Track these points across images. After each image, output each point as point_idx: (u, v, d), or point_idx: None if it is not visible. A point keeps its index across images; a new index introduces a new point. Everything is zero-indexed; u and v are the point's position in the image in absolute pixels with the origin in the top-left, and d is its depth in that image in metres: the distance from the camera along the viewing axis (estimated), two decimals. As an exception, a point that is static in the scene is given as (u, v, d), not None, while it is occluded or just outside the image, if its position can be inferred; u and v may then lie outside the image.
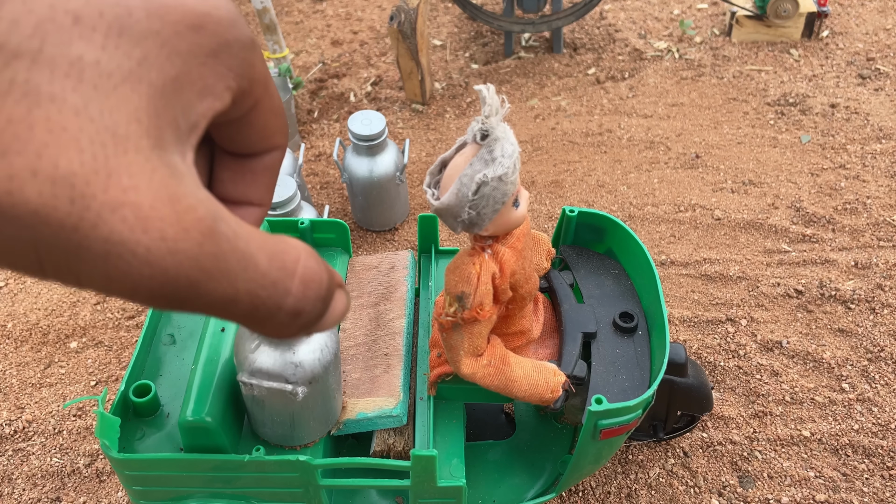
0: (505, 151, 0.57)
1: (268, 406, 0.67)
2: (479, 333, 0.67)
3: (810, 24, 1.80)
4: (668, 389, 0.87)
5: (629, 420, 0.70)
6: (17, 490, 0.99)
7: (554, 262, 0.84)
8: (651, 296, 0.78)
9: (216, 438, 0.68)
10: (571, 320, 0.76)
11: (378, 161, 1.26)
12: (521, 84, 1.76)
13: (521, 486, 0.84)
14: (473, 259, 0.64)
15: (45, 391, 1.11)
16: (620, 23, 1.95)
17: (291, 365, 0.63)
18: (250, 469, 0.69)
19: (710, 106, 1.64)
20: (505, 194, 0.58)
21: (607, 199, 1.40)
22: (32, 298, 1.25)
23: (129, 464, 0.68)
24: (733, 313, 1.17)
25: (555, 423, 0.91)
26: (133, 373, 0.75)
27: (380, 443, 0.77)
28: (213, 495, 0.72)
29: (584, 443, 0.71)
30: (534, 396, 0.70)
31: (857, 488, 0.95)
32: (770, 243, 1.29)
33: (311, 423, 0.70)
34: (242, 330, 0.66)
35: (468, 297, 0.64)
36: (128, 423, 0.73)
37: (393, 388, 0.76)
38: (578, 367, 0.73)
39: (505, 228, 0.62)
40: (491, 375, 0.69)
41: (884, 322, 1.14)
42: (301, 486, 0.71)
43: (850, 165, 1.45)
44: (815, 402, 1.05)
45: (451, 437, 0.76)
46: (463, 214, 0.58)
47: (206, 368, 0.69)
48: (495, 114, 0.56)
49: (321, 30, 2.00)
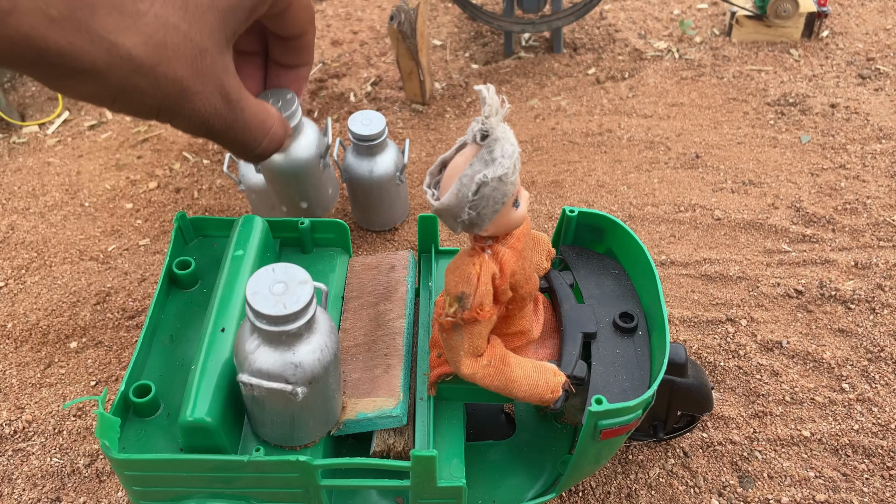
0: (505, 152, 0.57)
1: (268, 406, 0.67)
2: (479, 334, 0.67)
3: (810, 24, 1.80)
4: (669, 389, 0.87)
5: (629, 420, 0.70)
6: (17, 490, 0.99)
7: (554, 262, 0.84)
8: (651, 296, 0.78)
9: (216, 438, 0.68)
10: (571, 320, 0.76)
11: (378, 161, 1.26)
12: (521, 84, 1.76)
13: (521, 486, 0.84)
14: (473, 259, 0.64)
15: (45, 391, 1.11)
16: (620, 23, 1.95)
17: (291, 365, 0.63)
18: (250, 469, 0.69)
19: (710, 106, 1.64)
20: (505, 195, 0.58)
21: (607, 199, 1.40)
22: (32, 298, 1.25)
23: (129, 464, 0.68)
24: (733, 313, 1.17)
25: (555, 423, 0.91)
26: (133, 373, 0.75)
27: (380, 443, 0.77)
28: (213, 496, 0.72)
29: (584, 443, 0.71)
30: (534, 397, 0.70)
31: (857, 488, 0.95)
32: (770, 243, 1.29)
33: (311, 424, 0.70)
34: (242, 331, 0.66)
35: (468, 298, 0.64)
36: (128, 423, 0.73)
37: (393, 388, 0.76)
38: (578, 368, 0.73)
39: (505, 229, 0.62)
40: (491, 376, 0.69)
41: (884, 322, 1.14)
42: (301, 486, 0.71)
43: (850, 165, 1.45)
44: (815, 402, 1.05)
45: (451, 437, 0.76)
46: (463, 215, 0.58)
47: (206, 368, 0.69)
48: (495, 114, 0.56)
49: (321, 30, 2.00)
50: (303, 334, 0.63)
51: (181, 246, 0.90)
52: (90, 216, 1.44)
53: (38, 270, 1.32)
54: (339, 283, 0.90)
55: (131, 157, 1.60)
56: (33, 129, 1.72)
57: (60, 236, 1.40)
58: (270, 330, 0.61)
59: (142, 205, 1.47)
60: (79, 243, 1.38)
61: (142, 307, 1.23)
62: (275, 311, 0.60)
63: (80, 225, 1.42)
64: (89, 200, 1.49)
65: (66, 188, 1.52)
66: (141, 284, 1.27)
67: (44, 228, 1.42)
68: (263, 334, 0.62)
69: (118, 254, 1.35)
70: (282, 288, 0.61)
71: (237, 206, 1.44)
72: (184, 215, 0.89)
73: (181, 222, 0.89)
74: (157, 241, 1.38)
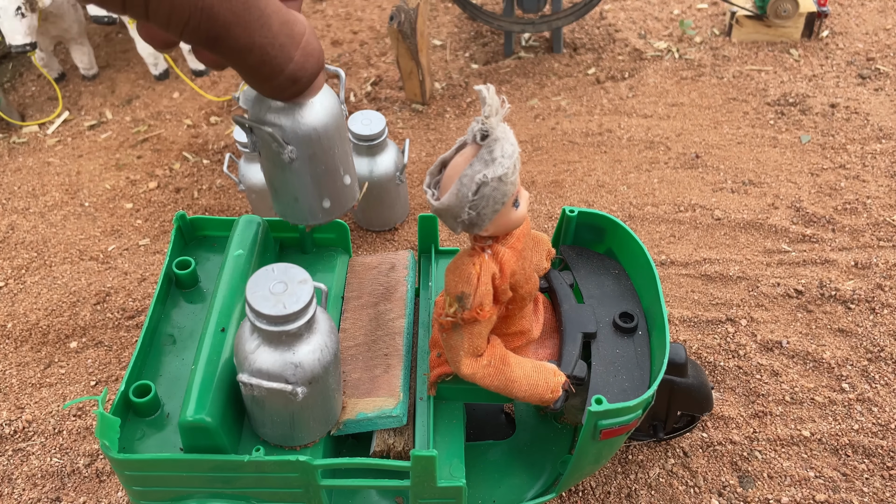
0: (505, 152, 0.57)
1: (268, 406, 0.67)
2: (479, 334, 0.67)
3: (810, 24, 1.80)
4: (669, 389, 0.87)
5: (629, 420, 0.70)
6: (17, 490, 0.99)
7: (554, 262, 0.84)
8: (651, 296, 0.78)
9: (216, 438, 0.67)
10: (571, 320, 0.76)
11: (378, 161, 1.26)
12: (521, 84, 1.76)
13: (521, 485, 0.84)
14: (473, 259, 0.64)
15: (45, 391, 1.11)
16: (620, 23, 1.95)
17: (291, 365, 0.63)
18: (250, 469, 0.69)
19: (710, 106, 1.64)
20: (505, 195, 0.58)
21: (607, 199, 1.40)
22: (32, 298, 1.25)
23: (129, 464, 0.68)
24: (733, 313, 1.17)
25: (555, 423, 0.91)
26: (133, 373, 0.75)
27: (380, 443, 0.77)
28: (212, 496, 0.72)
29: (584, 443, 0.71)
30: (534, 397, 0.70)
31: (857, 488, 0.95)
32: (770, 243, 1.29)
33: (311, 423, 0.70)
34: (242, 331, 0.66)
35: (468, 298, 0.64)
36: (128, 423, 0.73)
37: (393, 388, 0.76)
38: (578, 368, 0.73)
39: (505, 229, 0.62)
40: (491, 376, 0.69)
41: (884, 322, 1.14)
42: (301, 486, 0.71)
43: (850, 165, 1.45)
44: (815, 402, 1.05)
45: (451, 437, 0.76)
46: (463, 215, 0.58)
47: (206, 368, 0.69)
48: (495, 114, 0.56)
49: (321, 30, 2.00)
50: (303, 334, 0.63)
51: (181, 246, 0.90)
52: (90, 216, 1.45)
53: (38, 270, 1.32)
54: (339, 283, 0.90)
55: (131, 157, 1.60)
56: (33, 129, 1.72)
57: (60, 236, 1.40)
58: (270, 330, 0.61)
59: (142, 205, 1.47)
60: (79, 243, 1.38)
61: (142, 307, 1.23)
62: (275, 311, 0.60)
63: (80, 225, 1.42)
64: (89, 200, 1.49)
65: (66, 188, 1.52)
66: (141, 284, 1.27)
67: (44, 228, 1.42)
68: (263, 334, 0.62)
69: (118, 254, 1.35)
70: (282, 288, 0.61)
71: (237, 206, 1.44)
72: (184, 215, 0.89)
73: (181, 222, 0.89)
74: (157, 241, 1.38)
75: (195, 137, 1.64)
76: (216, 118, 1.71)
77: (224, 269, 0.79)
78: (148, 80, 1.87)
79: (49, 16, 1.68)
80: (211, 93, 1.79)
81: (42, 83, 1.89)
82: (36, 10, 1.59)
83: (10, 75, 1.92)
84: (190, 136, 1.65)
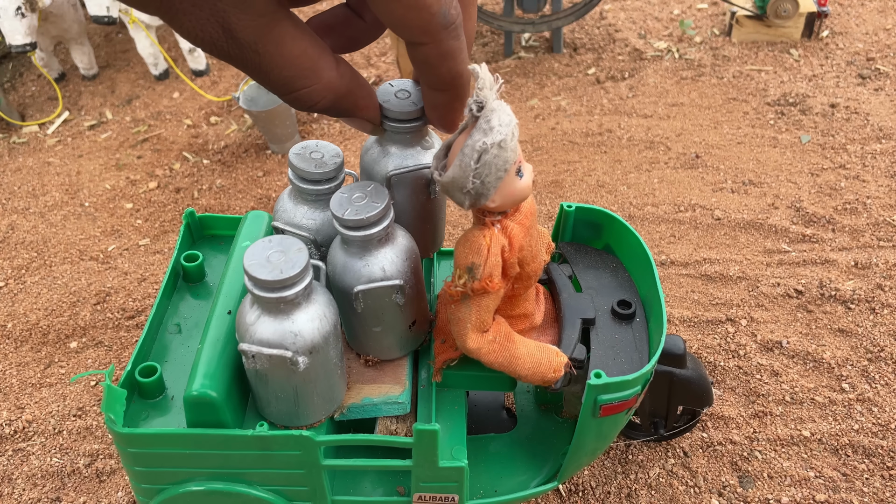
0: (502, 120, 0.59)
1: (271, 381, 0.67)
2: (486, 307, 0.68)
3: (810, 24, 1.80)
4: (668, 383, 0.88)
5: (629, 396, 0.70)
6: (17, 490, 0.99)
7: (553, 256, 0.85)
8: (648, 284, 0.79)
9: (220, 414, 0.68)
10: (570, 307, 0.77)
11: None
12: (521, 84, 1.76)
13: (524, 476, 0.85)
14: (483, 232, 0.66)
15: (45, 391, 1.11)
16: (620, 23, 1.95)
17: (291, 334, 0.64)
18: (253, 446, 0.69)
19: (710, 106, 1.65)
20: (507, 161, 0.60)
21: (607, 199, 1.40)
22: (32, 298, 1.25)
23: (133, 439, 0.69)
24: (733, 313, 1.17)
25: (556, 417, 0.92)
26: (139, 355, 0.76)
27: (382, 429, 0.78)
28: (214, 477, 0.73)
29: (585, 420, 0.72)
30: (536, 375, 0.71)
31: (857, 488, 0.95)
32: (770, 243, 1.29)
33: (314, 400, 0.70)
34: (244, 305, 0.66)
35: (478, 268, 0.65)
36: (133, 405, 0.74)
37: (399, 376, 0.77)
38: (578, 350, 0.74)
39: (511, 199, 0.63)
40: (495, 352, 0.70)
41: (884, 322, 1.14)
42: (303, 466, 0.71)
43: (850, 165, 1.45)
44: (815, 402, 1.05)
45: (453, 422, 0.76)
46: (468, 184, 0.60)
47: (211, 347, 0.70)
48: (489, 87, 0.58)
49: (321, 30, 2.00)
50: (300, 303, 0.64)
51: (189, 243, 0.91)
52: (90, 216, 1.45)
53: (38, 270, 1.32)
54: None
55: (131, 157, 1.60)
56: (33, 129, 1.72)
57: (60, 236, 1.40)
58: (268, 297, 0.62)
59: (142, 205, 1.47)
60: (79, 243, 1.38)
61: (142, 307, 1.23)
62: (272, 276, 0.61)
63: (80, 225, 1.42)
64: (89, 200, 1.49)
65: (66, 188, 1.52)
66: (141, 284, 1.27)
67: (44, 228, 1.42)
68: (262, 303, 0.63)
69: (118, 254, 1.35)
70: (278, 256, 0.62)
71: (237, 206, 1.44)
72: (193, 213, 0.90)
73: (190, 219, 0.90)
74: (157, 241, 1.38)
75: (195, 137, 1.64)
76: (216, 118, 1.71)
77: (232, 258, 0.80)
78: (148, 80, 1.87)
79: (49, 16, 1.69)
80: (211, 93, 1.79)
81: (42, 83, 1.89)
82: (36, 10, 1.59)
83: (10, 75, 1.92)
84: (190, 136, 1.65)
